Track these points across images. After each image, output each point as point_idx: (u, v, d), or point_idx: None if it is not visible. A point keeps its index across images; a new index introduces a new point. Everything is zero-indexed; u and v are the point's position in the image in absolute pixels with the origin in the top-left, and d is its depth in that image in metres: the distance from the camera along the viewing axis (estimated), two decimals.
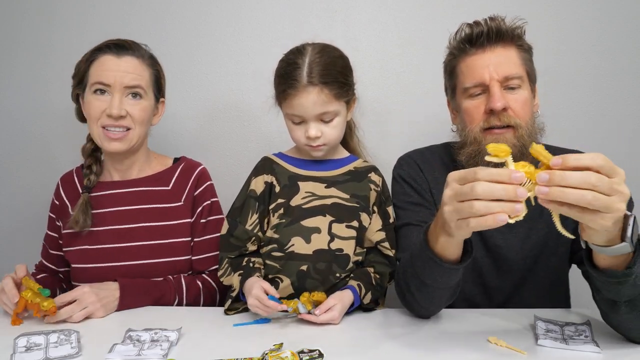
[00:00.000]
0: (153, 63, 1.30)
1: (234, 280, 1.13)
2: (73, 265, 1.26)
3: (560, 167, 0.70)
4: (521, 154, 1.09)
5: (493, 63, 1.09)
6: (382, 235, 1.20)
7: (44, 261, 1.37)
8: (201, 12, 1.73)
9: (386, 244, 1.20)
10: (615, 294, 0.86)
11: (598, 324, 1.01)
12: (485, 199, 0.72)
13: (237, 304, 1.13)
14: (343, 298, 1.07)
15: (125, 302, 1.13)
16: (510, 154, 0.76)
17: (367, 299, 1.12)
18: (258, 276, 1.12)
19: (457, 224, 0.78)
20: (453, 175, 0.79)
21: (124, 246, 1.24)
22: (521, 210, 0.72)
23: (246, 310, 1.12)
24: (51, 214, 1.34)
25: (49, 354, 0.89)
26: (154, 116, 1.32)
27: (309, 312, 1.03)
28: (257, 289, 1.04)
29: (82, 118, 1.31)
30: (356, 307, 1.12)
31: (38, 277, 1.31)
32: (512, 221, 0.73)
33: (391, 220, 1.23)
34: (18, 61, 1.78)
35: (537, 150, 0.74)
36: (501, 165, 0.76)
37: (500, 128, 1.09)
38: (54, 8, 1.76)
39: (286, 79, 1.12)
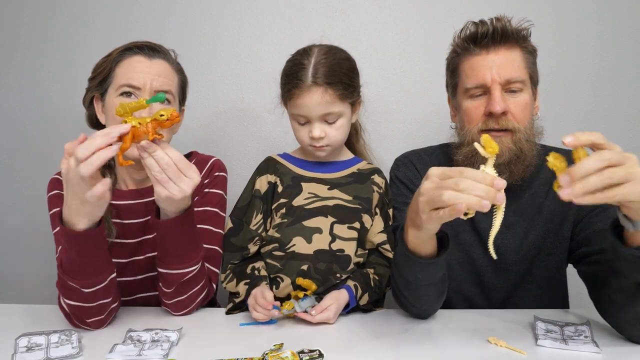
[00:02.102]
0: (180, 69, 1.23)
1: (240, 289, 1.13)
2: None
3: (573, 144, 0.73)
4: (517, 158, 1.09)
5: (496, 65, 1.08)
6: (384, 237, 1.20)
7: None
8: (201, 12, 1.74)
9: (387, 246, 1.20)
10: None
11: (598, 324, 1.01)
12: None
13: (237, 305, 1.13)
14: (338, 298, 1.07)
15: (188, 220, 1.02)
16: (495, 155, 0.79)
17: (364, 300, 1.12)
18: (265, 284, 1.12)
19: (429, 215, 0.80)
20: (434, 170, 0.81)
21: (135, 259, 1.19)
22: (488, 208, 0.75)
23: (247, 309, 1.13)
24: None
25: (49, 354, 0.89)
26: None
27: (305, 311, 1.04)
28: (258, 294, 1.05)
29: (93, 123, 1.22)
30: (354, 308, 1.12)
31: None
32: (468, 216, 0.78)
33: (390, 223, 1.24)
34: (18, 61, 1.78)
35: (552, 162, 0.76)
36: (483, 159, 0.80)
37: (498, 131, 1.08)
38: (54, 8, 1.76)
39: (291, 78, 1.13)
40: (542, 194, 1.18)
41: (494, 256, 0.84)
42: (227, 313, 1.13)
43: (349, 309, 1.11)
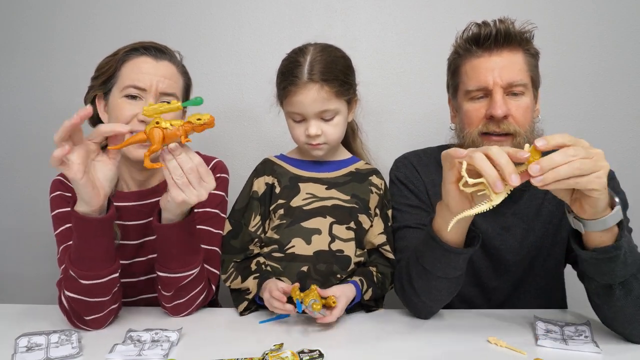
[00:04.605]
0: (185, 71, 1.21)
1: (249, 284, 1.13)
2: None
3: (545, 148, 0.78)
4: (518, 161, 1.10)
5: (498, 67, 1.07)
6: (384, 238, 1.20)
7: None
8: (201, 12, 1.74)
9: (387, 247, 1.20)
10: (609, 276, 0.88)
11: (598, 324, 1.01)
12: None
13: (250, 303, 1.14)
14: (346, 292, 1.07)
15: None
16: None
17: (368, 295, 1.12)
18: (277, 278, 1.12)
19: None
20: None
21: (137, 261, 1.19)
22: (500, 192, 0.79)
23: (258, 309, 1.14)
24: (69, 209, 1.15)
25: (49, 354, 0.89)
26: None
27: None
28: (272, 284, 1.05)
29: (94, 123, 1.19)
30: (357, 304, 1.12)
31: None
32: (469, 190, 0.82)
33: (389, 224, 1.23)
34: (18, 61, 1.78)
35: (531, 155, 0.80)
36: None
37: (499, 135, 1.08)
38: (54, 8, 1.76)
39: (287, 76, 1.13)
40: (540, 196, 1.18)
41: (447, 229, 0.86)
42: (242, 314, 1.12)
43: (353, 304, 1.10)
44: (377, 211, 1.22)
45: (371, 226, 1.21)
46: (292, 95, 1.12)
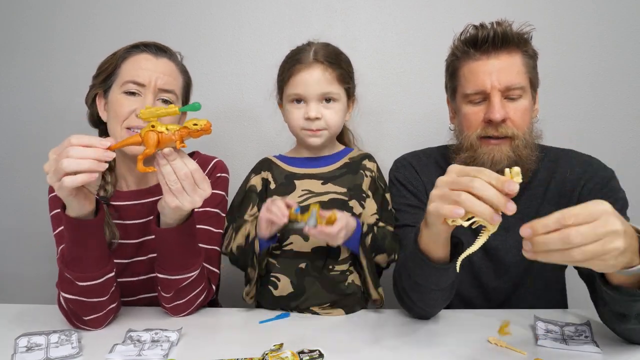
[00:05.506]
0: (185, 70, 1.23)
1: (248, 227, 1.13)
2: None
3: (531, 237, 0.69)
4: (516, 164, 1.09)
5: (496, 71, 1.07)
6: (377, 217, 1.18)
7: None
8: (201, 12, 1.74)
9: (382, 223, 1.18)
10: (625, 309, 0.85)
11: (598, 324, 1.01)
12: (476, 195, 0.73)
13: (250, 287, 1.14)
14: (347, 215, 1.05)
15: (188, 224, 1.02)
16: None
17: (368, 240, 1.10)
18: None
19: (437, 207, 0.78)
20: (455, 167, 0.79)
21: (137, 260, 1.19)
22: (498, 222, 0.73)
23: (259, 306, 1.16)
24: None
25: (49, 354, 0.89)
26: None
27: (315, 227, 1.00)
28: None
29: (94, 122, 1.21)
30: (358, 304, 1.13)
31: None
32: (487, 227, 0.77)
33: (389, 207, 1.22)
34: (18, 61, 1.78)
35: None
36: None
37: (497, 139, 1.08)
38: (54, 8, 1.76)
39: (293, 57, 1.17)
40: (540, 196, 1.18)
41: (457, 269, 0.84)
42: (250, 300, 1.14)
43: (352, 242, 1.08)
44: (370, 192, 1.21)
45: (364, 208, 1.18)
46: (297, 74, 1.14)
